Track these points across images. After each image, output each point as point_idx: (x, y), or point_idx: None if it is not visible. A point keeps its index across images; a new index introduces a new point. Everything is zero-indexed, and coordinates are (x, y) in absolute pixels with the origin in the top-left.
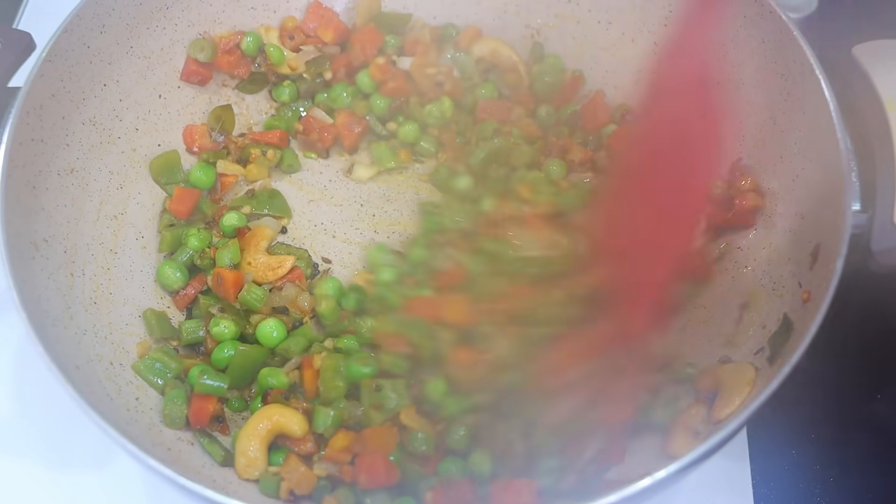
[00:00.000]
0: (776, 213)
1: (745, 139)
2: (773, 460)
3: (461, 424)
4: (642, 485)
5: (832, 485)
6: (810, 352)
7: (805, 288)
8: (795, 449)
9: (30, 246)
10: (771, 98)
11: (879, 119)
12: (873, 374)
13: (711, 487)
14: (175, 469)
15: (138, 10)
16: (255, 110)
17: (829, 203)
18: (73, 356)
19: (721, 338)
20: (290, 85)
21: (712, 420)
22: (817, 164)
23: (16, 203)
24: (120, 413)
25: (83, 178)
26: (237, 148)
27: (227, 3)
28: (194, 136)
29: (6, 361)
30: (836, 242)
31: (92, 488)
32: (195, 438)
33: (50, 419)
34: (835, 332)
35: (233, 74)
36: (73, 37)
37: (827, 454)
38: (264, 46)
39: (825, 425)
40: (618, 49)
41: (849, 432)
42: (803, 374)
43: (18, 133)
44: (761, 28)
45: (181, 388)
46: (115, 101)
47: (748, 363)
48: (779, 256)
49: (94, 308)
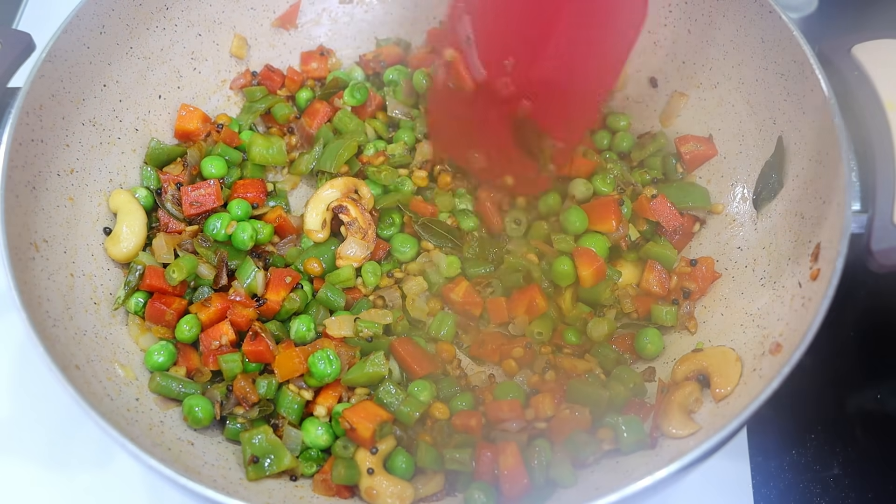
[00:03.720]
0: (776, 213)
1: (744, 138)
2: (773, 460)
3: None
4: (642, 485)
5: (832, 485)
6: (810, 351)
7: (805, 287)
8: (795, 449)
9: (30, 246)
10: (771, 98)
11: (879, 119)
12: (873, 373)
13: (711, 487)
14: (175, 469)
15: (138, 10)
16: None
17: (829, 203)
18: (73, 356)
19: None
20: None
21: (715, 399)
22: (817, 164)
23: (16, 203)
24: (120, 413)
25: (83, 179)
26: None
27: (227, 3)
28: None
29: (6, 362)
30: (836, 242)
31: (92, 488)
32: (196, 438)
33: (50, 419)
34: (835, 331)
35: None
36: (73, 37)
37: (827, 454)
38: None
39: (825, 425)
40: None
41: (849, 432)
42: (803, 374)
43: (18, 133)
44: (761, 28)
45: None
46: (115, 102)
47: (723, 346)
48: (779, 256)
49: (94, 308)
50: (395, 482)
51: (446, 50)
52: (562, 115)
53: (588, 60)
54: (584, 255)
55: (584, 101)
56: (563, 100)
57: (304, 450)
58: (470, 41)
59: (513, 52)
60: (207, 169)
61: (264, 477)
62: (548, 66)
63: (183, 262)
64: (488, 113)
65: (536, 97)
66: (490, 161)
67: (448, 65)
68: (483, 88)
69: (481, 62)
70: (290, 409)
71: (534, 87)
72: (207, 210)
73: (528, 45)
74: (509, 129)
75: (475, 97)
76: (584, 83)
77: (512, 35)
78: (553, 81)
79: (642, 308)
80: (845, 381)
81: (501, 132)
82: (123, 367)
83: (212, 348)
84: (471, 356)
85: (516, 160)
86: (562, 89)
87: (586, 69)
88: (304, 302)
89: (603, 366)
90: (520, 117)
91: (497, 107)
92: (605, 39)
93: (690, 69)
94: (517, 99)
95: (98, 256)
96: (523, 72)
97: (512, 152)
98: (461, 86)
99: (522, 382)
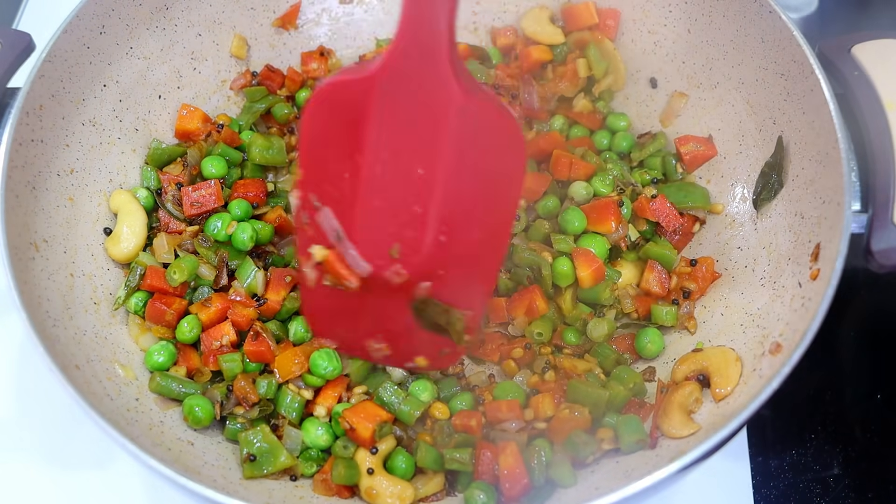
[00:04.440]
0: (776, 213)
1: (744, 138)
2: (773, 460)
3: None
4: (642, 485)
5: (832, 485)
6: (810, 352)
7: (805, 287)
8: (795, 449)
9: (30, 246)
10: (771, 98)
11: (879, 119)
12: (873, 374)
13: (711, 487)
14: (175, 469)
15: (138, 10)
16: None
17: (829, 203)
18: (73, 356)
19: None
20: None
21: (715, 399)
22: (817, 164)
23: (16, 203)
24: (120, 413)
25: (83, 179)
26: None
27: (227, 3)
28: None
29: (6, 361)
30: (836, 242)
31: (92, 488)
32: (196, 438)
33: (50, 419)
34: (835, 331)
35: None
36: (73, 37)
37: (827, 454)
38: None
39: (825, 425)
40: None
41: (849, 432)
42: (803, 374)
43: (18, 133)
44: (761, 28)
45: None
46: (115, 102)
47: (723, 346)
48: (779, 256)
49: (94, 308)
50: (395, 482)
51: (312, 248)
52: (466, 283)
53: (482, 215)
54: (584, 255)
55: (487, 259)
56: (465, 268)
57: (304, 450)
58: (341, 236)
59: (395, 237)
60: (208, 169)
61: (261, 476)
62: (439, 241)
63: (184, 263)
64: (382, 303)
65: (436, 275)
66: (394, 348)
67: (320, 266)
68: (369, 281)
69: (362, 255)
70: (290, 409)
71: (430, 267)
72: (208, 210)
73: (411, 226)
74: (409, 313)
75: (360, 289)
76: (485, 241)
77: (388, 220)
78: (450, 255)
79: (642, 308)
80: (845, 381)
81: (401, 318)
82: (123, 367)
83: (213, 348)
84: (471, 356)
85: (427, 340)
86: (461, 257)
87: (482, 228)
88: None
89: (603, 366)
90: (419, 298)
91: (391, 295)
92: (493, 185)
93: (690, 69)
94: (414, 284)
95: (98, 256)
96: (414, 254)
97: (419, 334)
98: (343, 285)
99: (522, 382)
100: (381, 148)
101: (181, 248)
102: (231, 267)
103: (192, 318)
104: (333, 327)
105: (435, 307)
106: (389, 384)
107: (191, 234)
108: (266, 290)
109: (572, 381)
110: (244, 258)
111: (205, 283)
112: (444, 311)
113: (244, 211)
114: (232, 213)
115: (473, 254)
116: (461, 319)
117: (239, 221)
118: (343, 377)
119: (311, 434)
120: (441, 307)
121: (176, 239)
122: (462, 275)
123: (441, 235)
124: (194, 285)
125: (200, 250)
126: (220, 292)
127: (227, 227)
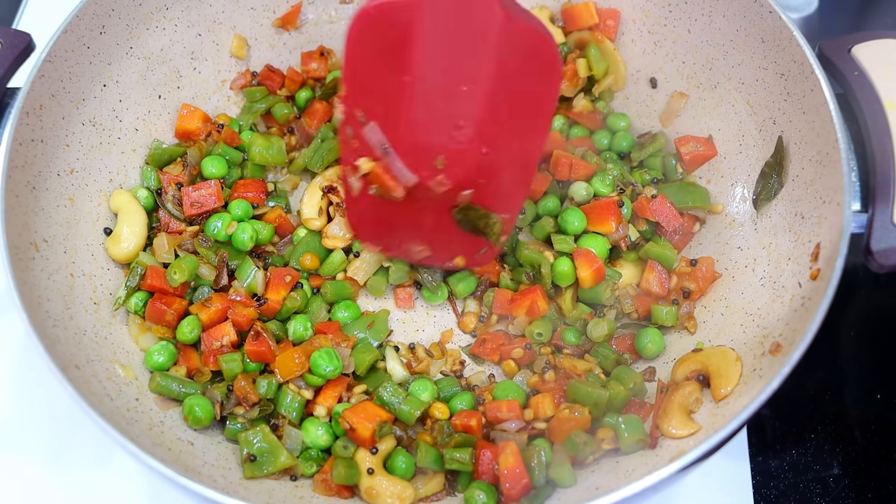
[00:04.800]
0: (776, 213)
1: (744, 138)
2: (773, 460)
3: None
4: (642, 485)
5: (832, 485)
6: (810, 352)
7: (805, 287)
8: (795, 449)
9: (30, 246)
10: (771, 98)
11: (879, 119)
12: (873, 374)
13: (711, 487)
14: (175, 469)
15: (138, 10)
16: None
17: (829, 203)
18: (73, 356)
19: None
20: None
21: (715, 399)
22: (817, 163)
23: (16, 203)
24: (120, 413)
25: (83, 179)
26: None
27: (227, 3)
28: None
29: (6, 361)
30: (836, 242)
31: (92, 488)
32: (196, 438)
33: (50, 419)
34: (835, 332)
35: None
36: (73, 37)
37: (827, 454)
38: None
39: (825, 425)
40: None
41: (849, 432)
42: (803, 374)
43: (18, 133)
44: (761, 28)
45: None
46: (115, 102)
47: (723, 346)
48: (779, 256)
49: (94, 308)
50: (395, 482)
51: (359, 161)
52: (504, 190)
53: (519, 130)
54: (584, 256)
55: (523, 168)
56: (503, 176)
57: (304, 450)
58: (388, 150)
59: (440, 149)
60: (208, 169)
61: (261, 476)
62: (481, 152)
63: (184, 263)
64: (424, 209)
65: (477, 184)
66: (435, 249)
67: (366, 177)
68: (414, 190)
69: (408, 166)
70: (290, 408)
71: (472, 176)
72: (208, 210)
73: (455, 139)
74: (450, 217)
75: (406, 198)
76: (521, 153)
77: (434, 134)
78: (490, 165)
79: (642, 308)
80: (845, 381)
81: (443, 222)
82: (123, 367)
83: (213, 348)
84: (471, 356)
85: (465, 241)
86: (500, 167)
87: (520, 140)
88: (305, 301)
89: (603, 366)
90: (460, 204)
91: (434, 202)
92: (529, 103)
93: (690, 69)
94: (456, 192)
95: (98, 256)
96: (457, 165)
97: (458, 236)
98: (389, 195)
99: (522, 382)
100: (427, 66)
101: (181, 248)
102: (231, 267)
103: (193, 318)
104: (377, 232)
105: (475, 212)
106: (389, 384)
107: (191, 234)
108: (266, 289)
109: (572, 381)
110: (244, 258)
111: (205, 283)
112: (483, 216)
113: (244, 211)
114: (232, 213)
115: (511, 164)
116: (498, 223)
117: (239, 221)
118: (343, 377)
119: (311, 434)
120: (481, 212)
121: (176, 239)
122: (500, 183)
123: (483, 147)
124: (194, 285)
125: (200, 250)
126: (221, 292)
127: (227, 227)
